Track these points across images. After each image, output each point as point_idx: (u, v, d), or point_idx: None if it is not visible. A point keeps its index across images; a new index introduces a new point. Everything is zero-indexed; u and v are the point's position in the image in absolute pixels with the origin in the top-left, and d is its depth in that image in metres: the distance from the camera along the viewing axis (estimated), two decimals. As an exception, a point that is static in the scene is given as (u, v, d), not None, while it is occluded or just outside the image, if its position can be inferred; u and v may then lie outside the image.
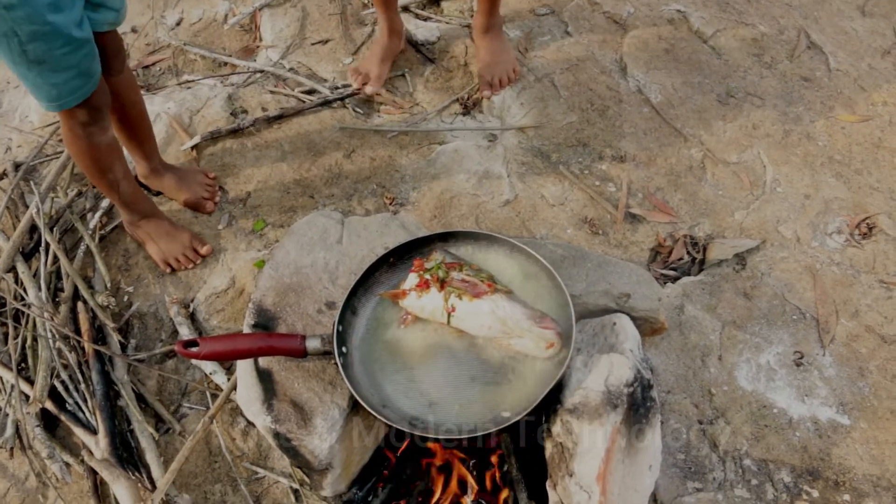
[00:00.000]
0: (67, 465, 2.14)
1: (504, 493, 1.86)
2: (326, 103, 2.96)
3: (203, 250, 2.52)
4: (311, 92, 3.01)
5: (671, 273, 2.44)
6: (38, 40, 1.71)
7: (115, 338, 2.31)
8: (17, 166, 2.82)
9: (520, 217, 2.55)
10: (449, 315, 1.70)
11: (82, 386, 2.20)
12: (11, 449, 2.19)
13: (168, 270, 2.51)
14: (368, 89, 2.96)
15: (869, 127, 2.82)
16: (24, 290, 2.40)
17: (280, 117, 2.90)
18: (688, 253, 2.48)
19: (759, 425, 2.10)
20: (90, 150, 2.13)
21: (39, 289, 2.38)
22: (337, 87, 3.00)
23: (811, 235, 2.52)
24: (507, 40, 3.07)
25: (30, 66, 1.77)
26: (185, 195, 2.64)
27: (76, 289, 2.41)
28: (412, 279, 1.73)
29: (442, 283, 1.69)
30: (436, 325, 1.75)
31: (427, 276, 1.71)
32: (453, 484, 1.89)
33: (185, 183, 2.65)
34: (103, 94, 2.03)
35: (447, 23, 3.21)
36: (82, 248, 2.54)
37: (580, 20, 3.22)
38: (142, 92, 3.02)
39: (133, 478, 2.02)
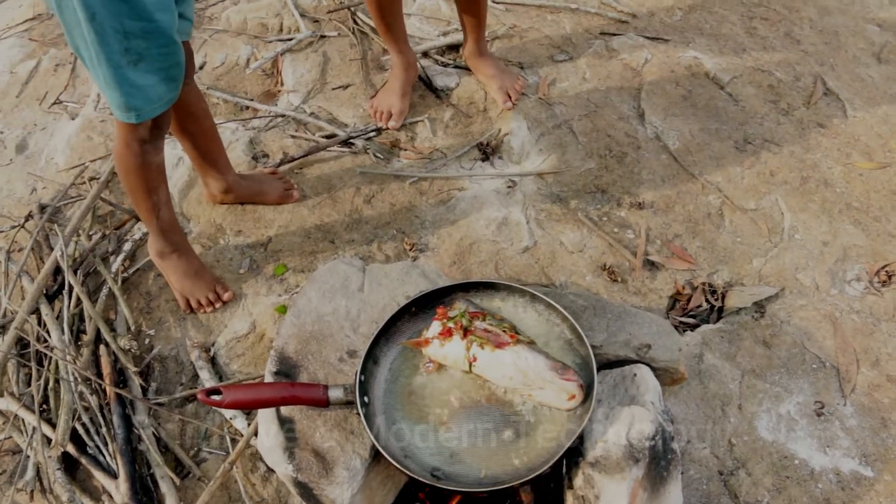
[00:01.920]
0: (87, 509, 2.14)
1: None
2: (349, 143, 3.00)
3: (225, 296, 2.53)
4: (331, 136, 3.05)
5: (690, 321, 2.44)
6: (141, 37, 1.76)
7: (136, 381, 2.33)
8: (42, 208, 2.86)
9: (539, 264, 2.57)
10: (471, 364, 1.71)
11: (103, 429, 2.21)
12: (32, 492, 2.19)
13: (187, 311, 2.53)
14: (392, 124, 3.02)
15: (887, 174, 2.83)
16: (48, 332, 2.42)
17: (305, 156, 2.95)
18: (706, 300, 2.49)
19: (781, 476, 2.09)
20: (141, 168, 2.15)
21: (62, 331, 2.40)
22: (359, 132, 3.04)
23: (830, 283, 2.52)
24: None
25: (128, 65, 1.79)
26: (270, 196, 2.75)
27: (98, 331, 2.43)
28: (436, 327, 1.75)
29: (465, 332, 1.71)
30: (458, 374, 1.76)
31: (450, 325, 1.73)
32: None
33: (265, 185, 2.75)
34: (169, 114, 2.07)
35: (466, 68, 3.25)
36: (105, 290, 2.56)
37: (598, 66, 3.26)
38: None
39: (153, 523, 2.03)
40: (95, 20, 1.69)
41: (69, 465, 2.21)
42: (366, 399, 1.72)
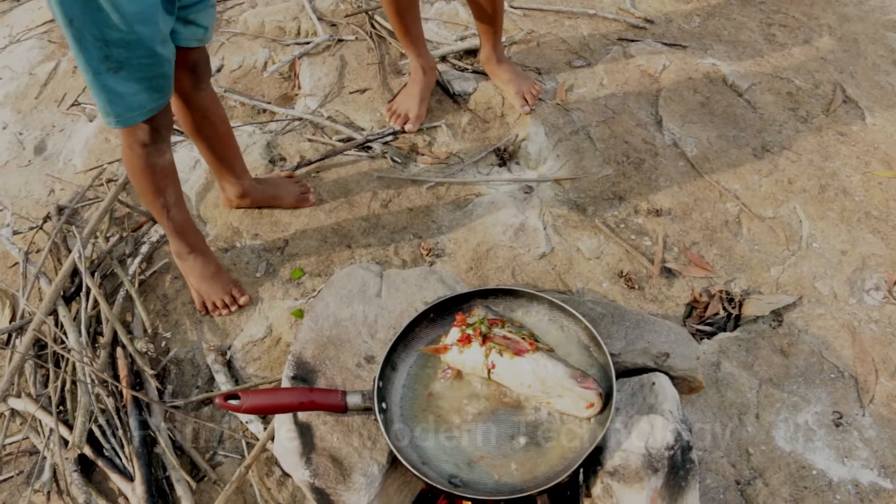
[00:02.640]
0: (104, 511, 2.15)
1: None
2: (366, 147, 3.00)
3: (242, 300, 2.53)
4: (348, 140, 3.05)
5: (707, 329, 2.43)
6: (122, 46, 1.76)
7: (152, 384, 2.33)
8: (60, 210, 2.88)
9: (556, 270, 2.56)
10: (489, 371, 1.71)
11: (119, 432, 2.22)
12: (49, 493, 2.20)
13: (202, 312, 2.54)
14: (409, 127, 3.03)
15: (906, 183, 2.81)
16: (65, 333, 2.43)
17: (322, 159, 2.96)
18: (724, 308, 2.47)
19: (798, 487, 2.07)
20: (145, 170, 2.16)
21: (80, 333, 2.41)
22: (377, 136, 3.04)
23: (848, 292, 2.50)
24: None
25: (108, 72, 1.80)
26: (287, 200, 2.77)
27: (115, 334, 2.44)
28: (454, 333, 1.75)
29: (484, 339, 1.70)
30: (477, 381, 1.76)
31: (469, 332, 1.72)
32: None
33: (281, 189, 2.77)
34: (166, 118, 2.08)
35: (484, 73, 3.25)
36: (122, 292, 2.57)
37: (615, 73, 3.25)
38: (182, 138, 3.09)
39: (169, 526, 2.04)
40: (73, 26, 1.70)
41: (85, 467, 2.22)
42: (384, 405, 1.72)
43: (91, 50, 1.75)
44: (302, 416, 1.79)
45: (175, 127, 3.18)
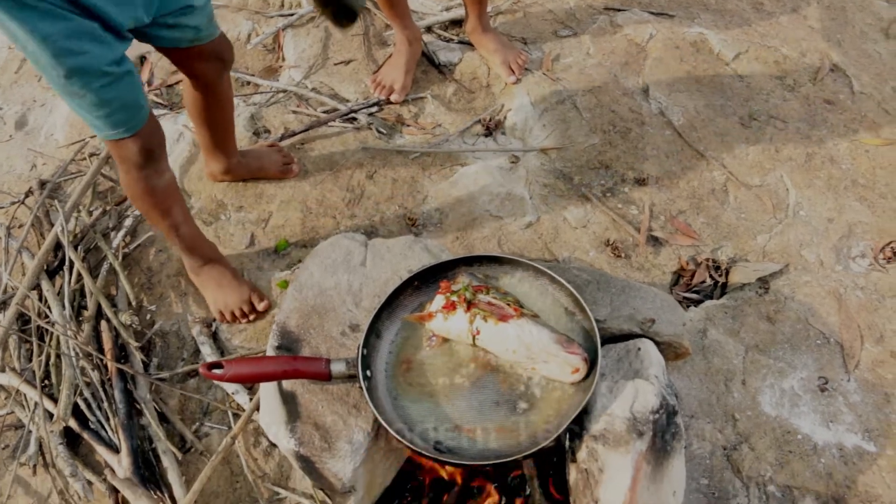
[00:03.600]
0: (90, 483, 2.14)
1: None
2: (351, 119, 2.98)
3: (261, 306, 2.41)
4: (333, 112, 3.03)
5: (694, 296, 2.43)
6: (74, 75, 1.68)
7: (137, 356, 2.32)
8: (42, 184, 2.85)
9: (542, 240, 2.55)
10: (474, 337, 1.70)
11: (105, 404, 2.21)
12: (35, 466, 2.19)
13: (222, 322, 2.43)
14: (394, 98, 3.01)
15: (893, 151, 2.81)
16: (49, 307, 2.41)
17: (307, 130, 2.95)
18: (710, 276, 2.47)
19: (784, 451, 2.08)
20: (147, 194, 2.08)
21: (63, 307, 2.40)
22: (361, 106, 3.02)
23: (835, 259, 2.50)
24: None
25: (72, 98, 1.75)
26: (271, 171, 2.76)
27: (99, 307, 2.42)
28: (439, 301, 1.73)
29: (469, 305, 1.69)
30: (462, 348, 1.75)
31: (454, 299, 1.71)
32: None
33: (265, 159, 2.75)
34: (155, 133, 1.99)
35: (469, 44, 3.22)
36: (105, 266, 2.55)
37: (602, 42, 3.23)
38: (165, 111, 3.06)
39: (155, 497, 2.03)
40: (28, 51, 1.65)
41: (71, 441, 2.22)
42: (368, 373, 1.71)
43: (56, 80, 1.70)
44: (287, 385, 1.78)
45: (157, 99, 3.16)
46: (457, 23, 3.38)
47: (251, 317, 2.40)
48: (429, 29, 3.35)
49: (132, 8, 1.77)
